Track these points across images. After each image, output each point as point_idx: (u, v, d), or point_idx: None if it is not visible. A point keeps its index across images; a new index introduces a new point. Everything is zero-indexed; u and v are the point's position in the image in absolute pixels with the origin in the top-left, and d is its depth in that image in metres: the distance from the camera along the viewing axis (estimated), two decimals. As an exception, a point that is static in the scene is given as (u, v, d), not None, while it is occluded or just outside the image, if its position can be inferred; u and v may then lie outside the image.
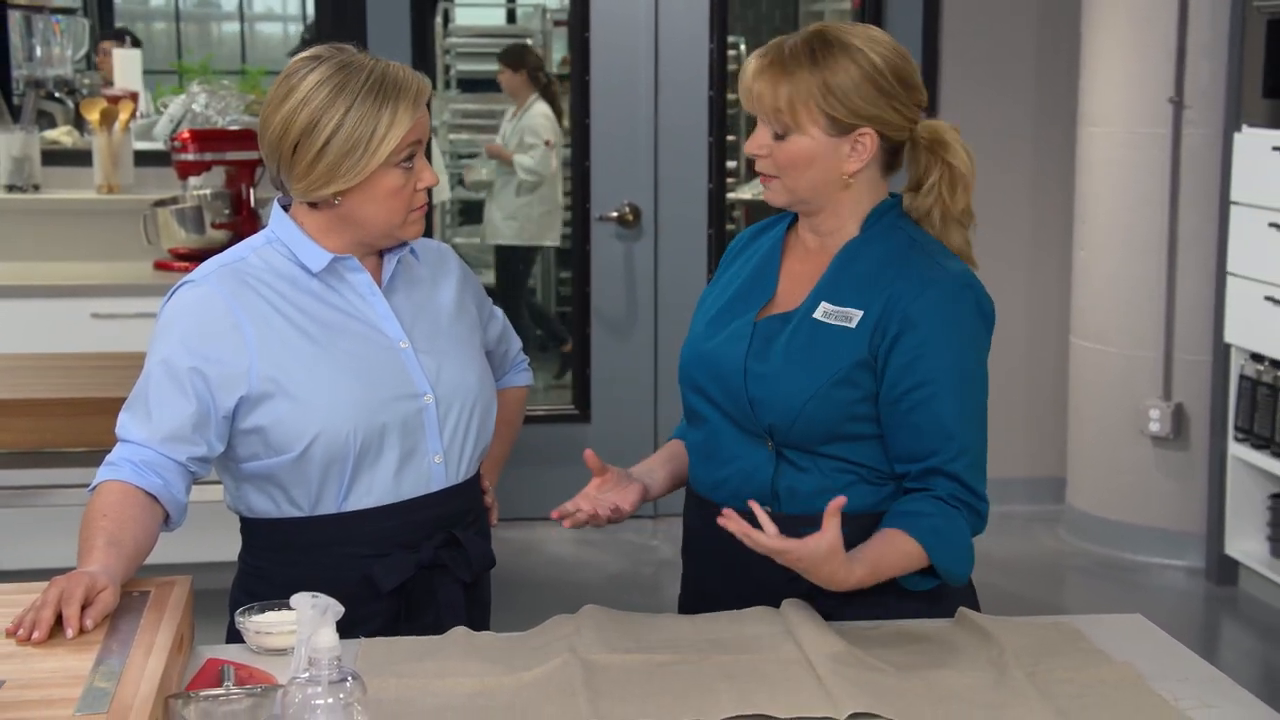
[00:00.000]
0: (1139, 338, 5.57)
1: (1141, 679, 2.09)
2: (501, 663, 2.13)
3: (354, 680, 1.79)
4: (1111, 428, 5.67)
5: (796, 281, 2.41)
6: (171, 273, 5.33)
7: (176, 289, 2.37)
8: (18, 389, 4.10)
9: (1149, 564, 5.58)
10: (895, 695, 2.00)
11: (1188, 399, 5.51)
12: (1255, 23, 5.06)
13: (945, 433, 2.27)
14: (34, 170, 5.56)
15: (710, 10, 5.88)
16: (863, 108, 2.29)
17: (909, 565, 2.26)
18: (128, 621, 2.10)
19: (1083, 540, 5.79)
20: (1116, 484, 5.69)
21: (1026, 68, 6.01)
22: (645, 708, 1.96)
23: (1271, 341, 5.00)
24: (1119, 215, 5.57)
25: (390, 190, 2.31)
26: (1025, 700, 1.99)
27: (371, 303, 2.40)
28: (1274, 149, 4.93)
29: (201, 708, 1.91)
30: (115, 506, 2.24)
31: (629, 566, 5.59)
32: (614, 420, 6.01)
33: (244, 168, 5.46)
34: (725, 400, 2.39)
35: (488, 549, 2.48)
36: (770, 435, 2.34)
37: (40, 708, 1.83)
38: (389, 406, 2.35)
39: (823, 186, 2.34)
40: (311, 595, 1.90)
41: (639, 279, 5.99)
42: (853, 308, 2.32)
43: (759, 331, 2.37)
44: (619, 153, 5.93)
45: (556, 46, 7.88)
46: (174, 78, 8.68)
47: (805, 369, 2.31)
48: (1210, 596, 5.32)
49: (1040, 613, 2.38)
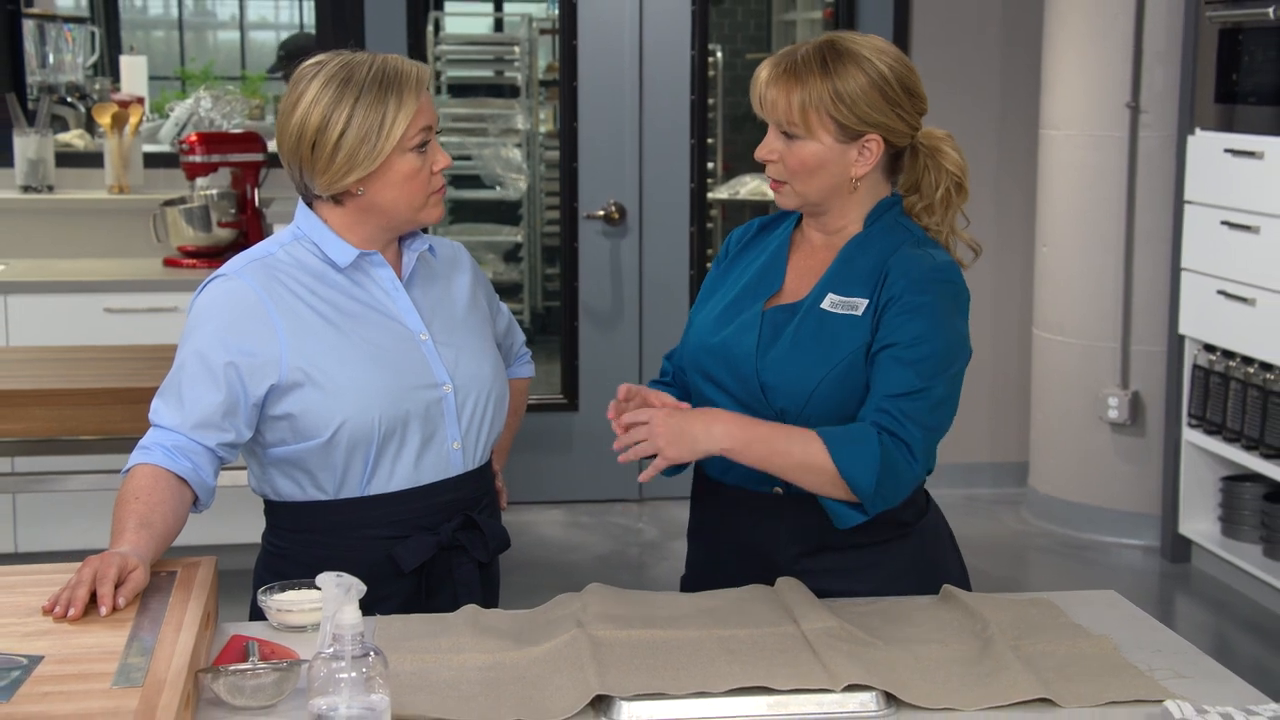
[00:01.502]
0: (1098, 329, 5.59)
1: (1119, 651, 2.10)
2: (511, 638, 2.13)
3: (376, 655, 1.79)
4: (1072, 415, 5.68)
5: (803, 275, 2.42)
6: (180, 269, 5.32)
7: (208, 282, 2.37)
8: (38, 379, 4.08)
9: (1107, 543, 5.60)
10: (887, 667, 2.01)
11: (1144, 387, 5.53)
12: (1208, 32, 5.08)
13: (902, 381, 2.25)
14: (48, 172, 5.54)
15: (692, 19, 5.88)
16: (870, 115, 2.30)
17: (802, 446, 2.21)
18: (157, 600, 2.10)
19: (1045, 521, 5.81)
20: (1077, 468, 5.70)
21: (991, 74, 6.03)
22: (651, 680, 1.96)
23: (1223, 333, 5.02)
24: (1079, 214, 5.59)
25: (407, 174, 2.32)
26: (1011, 671, 1.99)
27: (394, 296, 2.40)
28: (1225, 151, 4.95)
29: (230, 681, 1.91)
30: (147, 489, 2.23)
31: (616, 548, 5.59)
32: (601, 408, 5.94)
33: (248, 169, 5.45)
34: (737, 387, 2.38)
35: (503, 531, 2.48)
36: (781, 419, 2.33)
37: (79, 681, 1.83)
38: (411, 395, 2.35)
39: (830, 190, 2.35)
40: (336, 575, 1.91)
41: (624, 274, 5.99)
42: (858, 297, 2.33)
43: (768, 320, 2.38)
44: (605, 154, 5.93)
45: (542, 53, 7.86)
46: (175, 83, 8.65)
47: (815, 356, 2.31)
48: (1165, 573, 5.34)
49: (1006, 589, 2.39)
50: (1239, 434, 4.95)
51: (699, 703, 1.92)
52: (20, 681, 1.82)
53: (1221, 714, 1.83)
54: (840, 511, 2.25)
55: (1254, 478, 5.09)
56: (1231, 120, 4.99)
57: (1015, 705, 1.93)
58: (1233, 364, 4.99)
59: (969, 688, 1.97)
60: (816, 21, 7.41)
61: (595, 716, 1.91)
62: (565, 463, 5.89)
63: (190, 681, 1.87)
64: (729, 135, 8.03)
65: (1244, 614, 4.94)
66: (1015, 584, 5.16)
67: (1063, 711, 1.92)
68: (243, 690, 1.91)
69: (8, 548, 5.05)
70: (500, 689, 1.96)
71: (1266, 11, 4.69)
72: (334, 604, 1.87)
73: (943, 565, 2.47)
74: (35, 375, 4.14)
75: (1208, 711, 1.84)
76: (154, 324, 5.01)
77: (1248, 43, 4.91)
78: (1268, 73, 4.81)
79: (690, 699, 1.93)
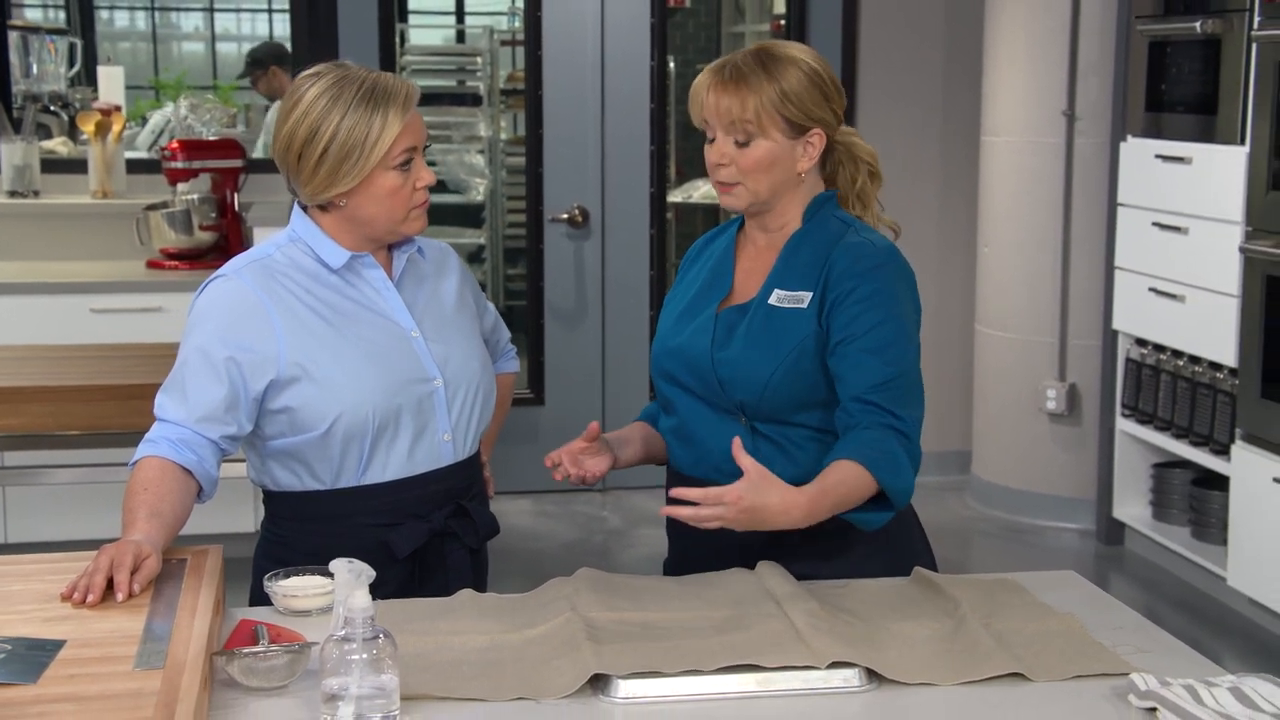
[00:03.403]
0: (1036, 325, 5.63)
1: (1084, 628, 2.12)
2: (507, 620, 2.13)
3: (385, 637, 1.79)
4: (1012, 405, 5.72)
5: (750, 276, 2.44)
6: (163, 271, 5.29)
7: (209, 283, 2.36)
8: (27, 377, 4.05)
9: (1046, 527, 5.64)
10: (867, 645, 2.02)
11: (1080, 379, 5.57)
12: (1139, 44, 5.12)
13: (875, 371, 2.27)
14: (34, 177, 5.49)
15: (651, 31, 5.88)
16: (813, 110, 2.34)
17: (857, 484, 2.20)
18: (170, 586, 2.09)
19: (987, 507, 5.85)
20: (1017, 456, 5.74)
21: (935, 84, 6.05)
22: (646, 659, 1.96)
23: (1155, 328, 5.06)
24: (1018, 216, 5.62)
25: (389, 190, 2.31)
26: (984, 648, 2.00)
27: (385, 296, 2.39)
28: (1156, 157, 4.99)
29: (244, 664, 1.91)
30: (155, 481, 2.22)
31: (582, 535, 5.59)
32: (565, 402, 6.01)
33: (228, 175, 5.42)
34: (697, 385, 2.40)
35: (492, 517, 2.48)
36: (742, 411, 2.36)
37: (102, 664, 1.82)
38: (403, 389, 2.34)
39: (779, 186, 2.37)
40: (348, 561, 1.91)
41: (587, 274, 5.99)
42: (802, 290, 2.35)
43: (721, 322, 2.40)
44: (569, 160, 5.92)
45: (503, 63, 7.84)
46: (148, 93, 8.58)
47: (766, 350, 2.33)
48: (1100, 555, 5.39)
49: (951, 571, 2.39)
50: (1169, 423, 5.00)
51: (691, 680, 1.93)
52: (45, 664, 1.81)
53: (1184, 685, 1.85)
54: (865, 519, 2.26)
55: (1183, 464, 5.14)
56: (1161, 128, 5.03)
57: (989, 680, 1.94)
58: (1164, 357, 5.04)
59: (945, 664, 1.98)
60: (765, 34, 7.43)
61: (593, 694, 1.91)
62: (532, 454, 5.84)
63: (207, 664, 1.86)
64: (680, 142, 8.04)
65: (1174, 593, 4.99)
66: (960, 566, 5.19)
67: (1034, 686, 1.94)
68: (256, 672, 1.91)
69: (-3, 538, 5.02)
70: (501, 669, 1.96)
71: (1193, 26, 4.74)
72: (346, 588, 1.87)
73: (909, 547, 2.49)
74: (24, 373, 4.11)
75: (1170, 683, 1.86)
76: (138, 324, 4.97)
77: (1175, 55, 4.96)
78: (1194, 83, 4.86)
79: (682, 677, 1.93)
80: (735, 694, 1.92)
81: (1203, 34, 4.72)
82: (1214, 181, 4.69)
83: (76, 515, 4.97)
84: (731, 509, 2.11)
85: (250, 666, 1.90)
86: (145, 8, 9.26)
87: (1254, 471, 4.52)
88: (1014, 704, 1.90)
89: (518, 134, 7.20)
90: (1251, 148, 4.51)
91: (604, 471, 2.44)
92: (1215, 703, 1.80)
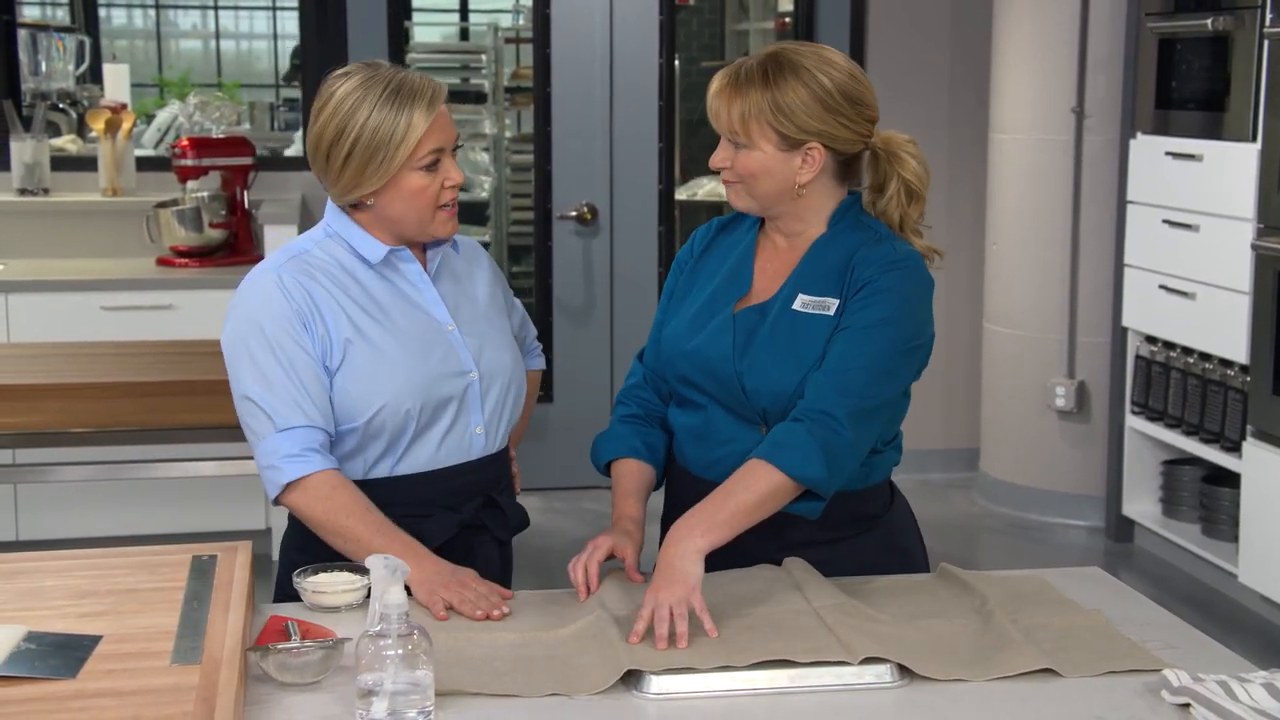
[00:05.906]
0: (1045, 322, 5.64)
1: (1111, 625, 2.12)
2: (537, 618, 2.14)
3: (420, 633, 1.80)
4: (1020, 403, 5.73)
5: (770, 276, 2.40)
6: (172, 268, 5.28)
7: (251, 282, 2.34)
8: (39, 374, 4.06)
9: (1054, 524, 5.65)
10: (896, 641, 2.02)
11: (1089, 376, 5.58)
12: (1148, 41, 5.13)
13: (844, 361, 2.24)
14: (44, 175, 5.49)
15: (659, 29, 5.89)
16: (810, 124, 2.28)
17: (759, 486, 2.17)
18: (201, 583, 2.09)
19: (995, 504, 5.85)
20: (1025, 453, 5.75)
21: (943, 81, 6.07)
22: (677, 656, 1.97)
23: (1164, 325, 5.07)
24: (1027, 213, 5.63)
25: (415, 190, 2.31)
26: (1013, 644, 2.01)
27: (422, 289, 2.40)
28: (1165, 154, 5.00)
29: (278, 659, 1.91)
30: (349, 503, 2.26)
31: (590, 532, 5.50)
32: (574, 400, 6.01)
33: (238, 172, 5.42)
34: (718, 390, 2.37)
35: (522, 510, 2.49)
36: (764, 419, 2.33)
37: (139, 659, 1.83)
38: (442, 382, 2.35)
39: (778, 195, 2.34)
40: (384, 557, 1.91)
41: (596, 272, 5.99)
42: (829, 296, 2.32)
43: (739, 323, 2.36)
44: (577, 157, 5.92)
45: (507, 61, 7.84)
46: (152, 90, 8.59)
47: (792, 358, 2.30)
48: (1109, 552, 5.39)
49: (960, 568, 2.39)
50: (1179, 420, 5.01)
51: (724, 676, 1.94)
52: (83, 660, 1.82)
53: (1218, 681, 1.85)
54: (802, 508, 2.22)
55: (1193, 461, 5.15)
56: (1170, 125, 5.04)
57: (1020, 676, 1.95)
58: (1173, 354, 5.04)
59: (976, 660, 1.99)
60: (769, 31, 7.42)
61: (626, 690, 1.92)
62: (541, 451, 5.88)
63: (242, 659, 1.87)
64: (685, 139, 8.05)
65: (1183, 589, 5.00)
66: (968, 563, 5.08)
67: (1065, 682, 1.94)
68: (290, 667, 1.91)
69: (9, 535, 5.02)
70: (533, 665, 1.97)
71: (1204, 23, 4.74)
72: (381, 584, 1.88)
73: (909, 553, 2.49)
74: (35, 370, 4.12)
75: (1204, 679, 1.87)
76: (149, 321, 4.98)
77: (1185, 52, 4.97)
78: (1204, 80, 4.86)
79: (715, 673, 1.94)
80: (767, 690, 1.93)
81: (1213, 31, 4.72)
82: (1225, 178, 4.70)
83: (88, 512, 4.98)
84: (665, 599, 2.05)
85: (284, 662, 1.91)
86: (148, 5, 9.26)
87: (1265, 468, 4.52)
88: (1045, 699, 1.90)
89: (522, 131, 7.19)
90: (1263, 144, 4.51)
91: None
92: (1250, 699, 1.81)
